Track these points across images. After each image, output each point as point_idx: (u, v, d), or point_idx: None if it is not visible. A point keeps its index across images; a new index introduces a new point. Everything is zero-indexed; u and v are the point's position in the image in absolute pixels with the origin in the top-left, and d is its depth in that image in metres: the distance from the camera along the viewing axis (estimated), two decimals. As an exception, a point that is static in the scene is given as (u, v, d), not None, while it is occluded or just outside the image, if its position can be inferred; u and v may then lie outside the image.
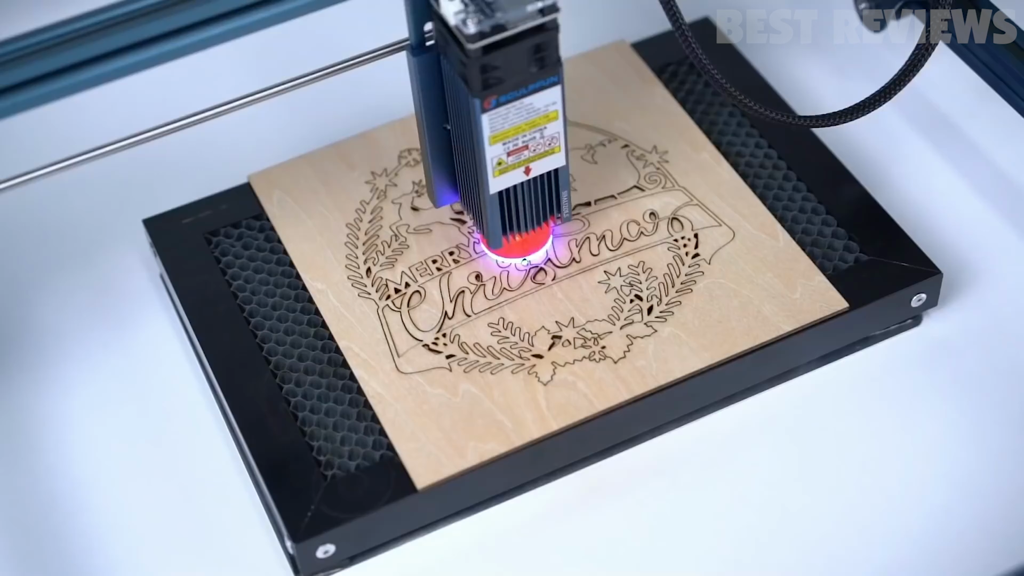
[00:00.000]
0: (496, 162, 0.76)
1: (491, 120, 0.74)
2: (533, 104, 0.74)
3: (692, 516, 0.78)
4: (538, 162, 0.77)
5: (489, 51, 0.71)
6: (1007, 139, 0.93)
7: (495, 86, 0.73)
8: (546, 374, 0.78)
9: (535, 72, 0.73)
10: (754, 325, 0.80)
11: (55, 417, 0.83)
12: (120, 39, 0.68)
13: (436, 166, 0.81)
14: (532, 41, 0.72)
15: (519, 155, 0.76)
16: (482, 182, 0.77)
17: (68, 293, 0.89)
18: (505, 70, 0.72)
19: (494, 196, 0.78)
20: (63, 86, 0.68)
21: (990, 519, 0.77)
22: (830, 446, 0.80)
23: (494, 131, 0.74)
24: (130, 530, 0.79)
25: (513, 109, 0.74)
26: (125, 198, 0.93)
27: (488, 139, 0.74)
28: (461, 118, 0.76)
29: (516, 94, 0.74)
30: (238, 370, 0.80)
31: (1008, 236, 0.88)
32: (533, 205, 0.79)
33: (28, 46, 0.68)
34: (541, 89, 0.74)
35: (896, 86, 0.82)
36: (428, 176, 0.81)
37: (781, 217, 0.85)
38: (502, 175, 0.77)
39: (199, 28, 0.70)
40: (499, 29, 0.71)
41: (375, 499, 0.75)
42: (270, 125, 0.95)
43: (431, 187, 0.82)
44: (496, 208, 0.78)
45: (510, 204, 0.79)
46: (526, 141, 0.76)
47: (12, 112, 0.68)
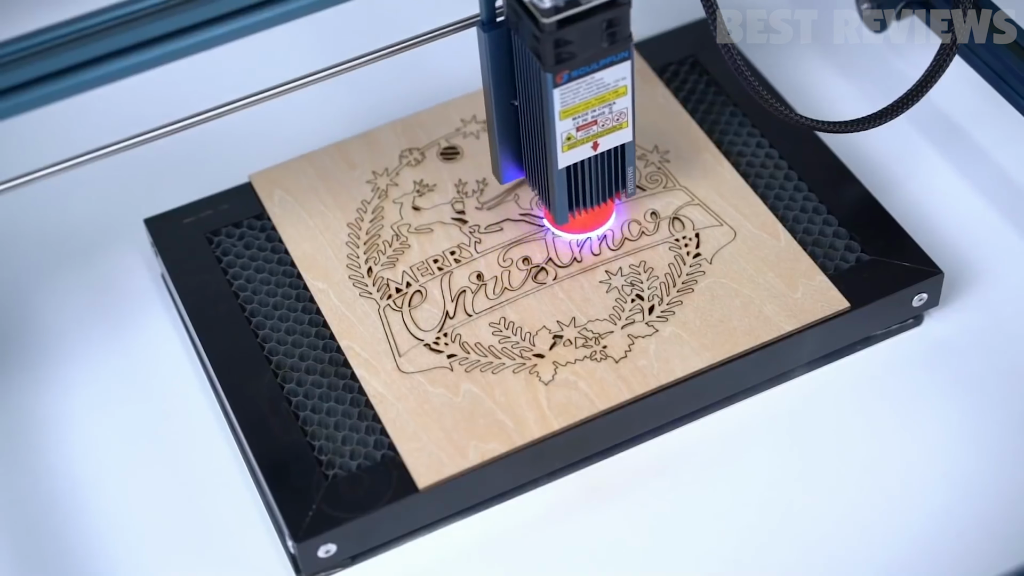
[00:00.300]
0: (566, 137, 0.76)
1: (562, 95, 0.75)
2: (604, 79, 0.75)
3: (693, 516, 0.78)
4: (606, 137, 0.78)
5: (563, 26, 0.72)
6: (1008, 139, 0.93)
7: (567, 60, 0.73)
8: (547, 374, 0.78)
9: (606, 47, 0.74)
10: (755, 325, 0.80)
11: (56, 417, 0.83)
12: (121, 40, 0.68)
13: (502, 142, 0.81)
14: (605, 16, 0.73)
15: (588, 130, 0.77)
16: (550, 157, 0.77)
17: (69, 293, 0.89)
18: (578, 45, 0.73)
19: (562, 171, 0.78)
20: (64, 87, 0.68)
21: (991, 519, 0.77)
22: (831, 446, 0.80)
23: (565, 106, 0.75)
24: (131, 530, 0.79)
25: (584, 84, 0.75)
26: (126, 198, 0.93)
27: (559, 114, 0.75)
28: (532, 93, 0.76)
29: (587, 69, 0.74)
30: (239, 370, 0.80)
31: (1009, 236, 0.88)
32: (599, 180, 0.80)
33: (29, 47, 0.68)
34: (612, 64, 0.75)
35: (920, 91, 0.82)
36: (494, 152, 0.82)
37: (782, 217, 0.85)
38: (571, 150, 0.77)
39: (200, 29, 0.70)
40: (573, 4, 0.72)
41: (376, 499, 0.75)
42: (271, 125, 0.95)
43: (496, 163, 0.82)
44: (564, 183, 0.79)
45: (577, 179, 0.79)
46: (595, 116, 0.77)
47: (14, 113, 0.68)
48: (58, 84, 0.68)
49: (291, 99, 0.84)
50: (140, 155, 0.83)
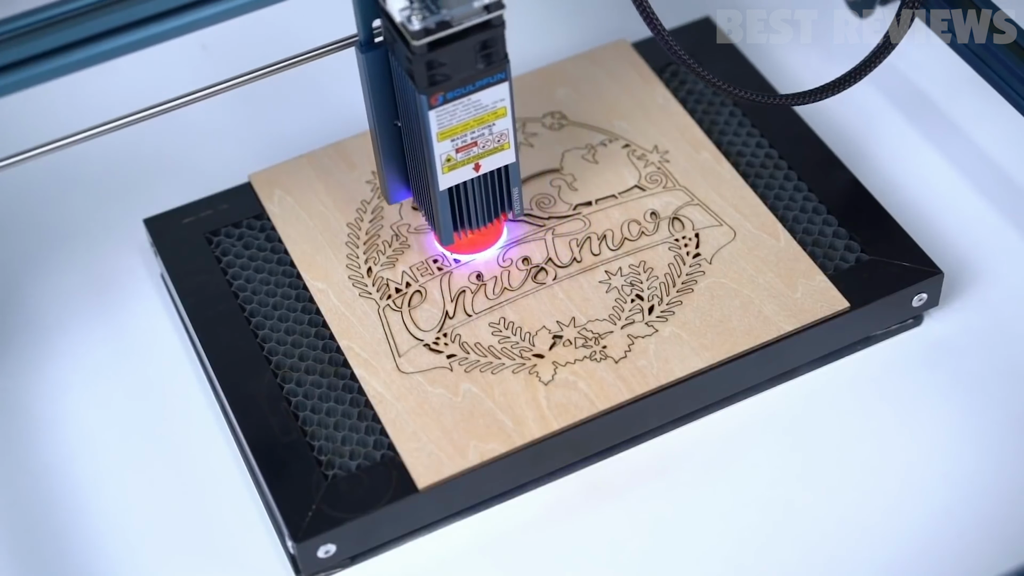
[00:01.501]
0: (445, 159, 0.76)
1: (438, 116, 0.74)
2: (481, 100, 0.75)
3: (693, 516, 0.78)
4: (488, 159, 0.78)
5: (435, 47, 0.72)
6: (1009, 139, 0.93)
7: (441, 83, 0.73)
8: (547, 374, 0.78)
9: (482, 69, 0.74)
10: (755, 325, 0.80)
11: (55, 417, 0.83)
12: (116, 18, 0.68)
13: (388, 163, 0.81)
14: (478, 38, 0.72)
15: (468, 151, 0.77)
16: (432, 179, 0.77)
17: (68, 293, 0.89)
18: (451, 67, 0.73)
19: (444, 192, 0.78)
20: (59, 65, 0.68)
21: (991, 519, 0.77)
22: (831, 446, 0.80)
23: (442, 127, 0.75)
24: (130, 530, 0.79)
25: (460, 106, 0.75)
26: (125, 198, 0.93)
27: (436, 135, 0.75)
28: (410, 115, 0.76)
29: (463, 91, 0.74)
30: (239, 370, 0.80)
31: (1009, 236, 0.88)
32: (484, 201, 0.80)
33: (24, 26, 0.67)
34: (488, 86, 0.74)
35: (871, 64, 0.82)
36: (380, 173, 0.82)
37: (782, 217, 0.85)
38: (451, 172, 0.77)
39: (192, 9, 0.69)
40: (444, 26, 0.71)
41: (376, 499, 0.75)
42: (271, 125, 0.95)
43: (384, 184, 0.82)
44: (447, 204, 0.79)
45: (461, 200, 0.79)
46: (475, 138, 0.76)
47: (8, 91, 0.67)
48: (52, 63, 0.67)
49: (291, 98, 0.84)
50: (139, 155, 0.83)
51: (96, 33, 0.68)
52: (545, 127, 0.90)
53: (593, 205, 0.86)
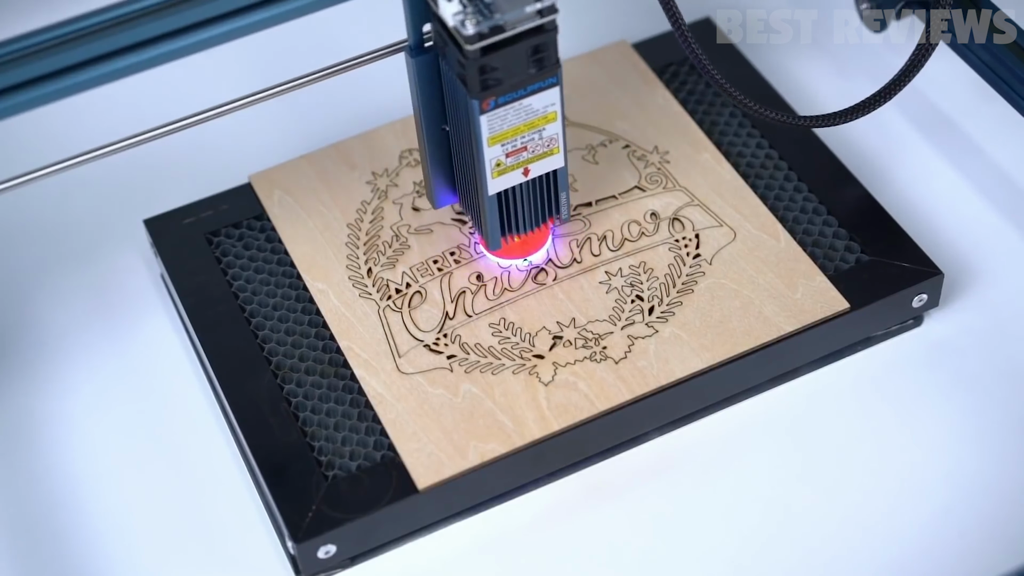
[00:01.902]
0: (495, 163, 0.76)
1: (489, 121, 0.74)
2: (532, 105, 0.74)
3: (693, 516, 0.78)
4: (537, 163, 0.77)
5: (487, 52, 0.71)
6: (1008, 139, 0.93)
7: (494, 87, 0.73)
8: (547, 374, 0.78)
9: (534, 73, 0.73)
10: (755, 325, 0.80)
11: (55, 417, 0.83)
12: (120, 40, 0.68)
13: (435, 167, 0.81)
14: (531, 42, 0.72)
15: (518, 156, 0.76)
16: (481, 183, 0.77)
17: (68, 293, 0.89)
18: (503, 71, 0.72)
19: (493, 197, 0.78)
20: (63, 87, 0.68)
21: (992, 519, 0.77)
22: (831, 446, 0.80)
23: (492, 132, 0.74)
24: (130, 530, 0.79)
25: (512, 110, 0.74)
26: (125, 198, 0.93)
27: (487, 140, 0.74)
28: (460, 119, 0.76)
29: (515, 95, 0.74)
30: (239, 370, 0.80)
31: (1009, 236, 0.88)
32: (532, 206, 0.79)
33: (28, 46, 0.68)
34: (540, 90, 0.74)
35: (896, 86, 0.82)
36: (427, 177, 0.81)
37: (782, 217, 0.85)
38: (501, 176, 0.77)
39: (199, 29, 0.70)
40: (497, 30, 0.71)
41: (376, 499, 0.75)
42: (271, 125, 0.95)
43: (430, 188, 0.82)
44: (495, 209, 0.78)
45: (509, 205, 0.79)
46: (525, 142, 0.76)
47: (13, 112, 0.68)
48: (57, 84, 0.68)
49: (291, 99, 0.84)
50: (139, 155, 0.83)
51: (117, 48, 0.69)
52: (545, 127, 0.90)
53: (593, 206, 0.85)
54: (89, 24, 0.68)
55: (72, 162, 0.74)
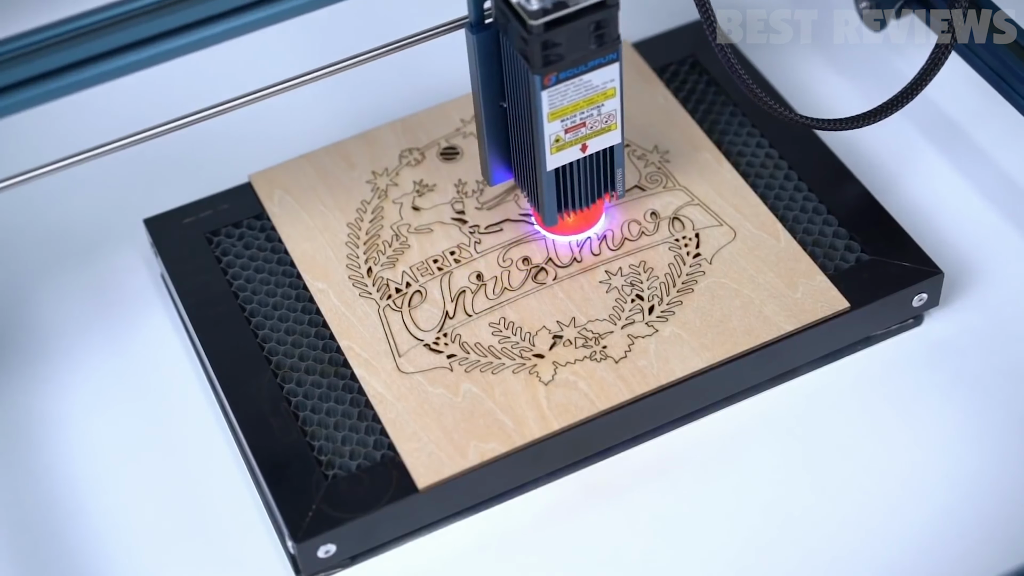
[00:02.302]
0: (554, 139, 0.76)
1: (550, 97, 0.75)
2: (592, 81, 0.75)
3: (693, 516, 0.78)
4: (595, 139, 0.78)
5: (550, 27, 0.72)
6: (1008, 139, 0.93)
7: (555, 63, 0.73)
8: (547, 374, 0.78)
9: (595, 49, 0.74)
10: (755, 325, 0.80)
11: (55, 417, 0.83)
12: (120, 38, 0.68)
13: (492, 145, 0.81)
14: (593, 18, 0.73)
15: (576, 132, 0.77)
16: (539, 159, 0.77)
17: (68, 293, 0.89)
18: (566, 47, 0.73)
19: (551, 173, 0.78)
20: (64, 84, 0.68)
21: (992, 519, 0.77)
22: (831, 446, 0.80)
23: (553, 108, 0.75)
24: (130, 530, 0.79)
25: (572, 86, 0.75)
26: (125, 198, 0.93)
27: (547, 116, 0.75)
28: (519, 95, 0.76)
29: (576, 71, 0.74)
30: (239, 370, 0.80)
31: (1009, 236, 0.88)
32: (588, 182, 0.80)
33: (29, 44, 0.68)
34: (600, 66, 0.75)
35: (914, 90, 0.82)
36: (483, 154, 0.82)
37: (782, 217, 0.85)
38: (559, 152, 0.77)
39: (197, 28, 0.70)
40: (561, 6, 0.72)
41: (376, 499, 0.75)
42: (271, 125, 0.95)
43: (486, 165, 0.82)
44: (552, 185, 0.79)
45: (566, 181, 0.79)
46: (584, 118, 0.77)
47: (13, 111, 0.68)
48: (56, 82, 0.68)
49: (291, 99, 0.84)
50: (140, 155, 0.83)
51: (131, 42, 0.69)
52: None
53: (593, 205, 0.86)
54: (89, 22, 0.68)
55: (72, 161, 0.74)
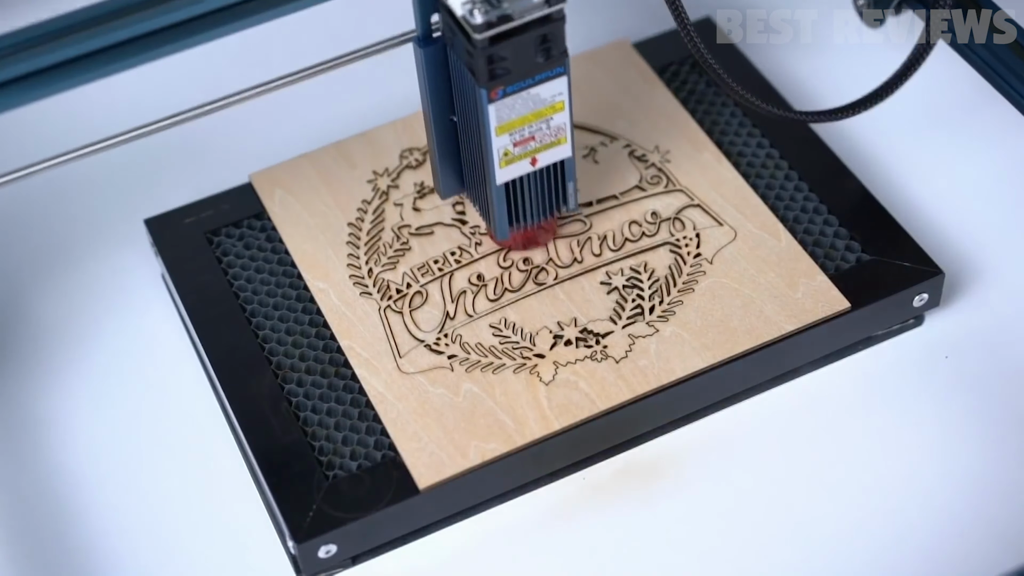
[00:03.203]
0: (503, 153, 0.76)
1: (498, 110, 0.74)
2: (539, 94, 0.75)
3: (694, 516, 0.78)
4: (545, 153, 0.78)
5: (496, 41, 0.72)
6: (1008, 138, 0.93)
7: (502, 76, 0.73)
8: (548, 374, 0.78)
9: (541, 63, 0.74)
10: (756, 325, 0.80)
11: (55, 417, 0.83)
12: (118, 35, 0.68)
13: (442, 158, 0.81)
14: (538, 31, 0.72)
15: (525, 146, 0.77)
16: (488, 173, 0.77)
17: (68, 293, 0.89)
18: (512, 61, 0.73)
19: (500, 187, 0.78)
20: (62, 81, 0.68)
21: (993, 518, 0.77)
22: (832, 446, 0.80)
23: (500, 121, 0.75)
24: (131, 530, 0.79)
25: (520, 99, 0.75)
26: (125, 198, 0.93)
27: (495, 129, 0.75)
28: (468, 109, 0.76)
29: (522, 84, 0.74)
30: (239, 370, 0.80)
31: (1010, 236, 0.88)
32: (539, 196, 0.80)
33: (27, 40, 0.67)
34: (547, 80, 0.75)
35: (896, 84, 0.82)
36: (435, 168, 0.82)
37: (783, 217, 0.85)
38: (508, 166, 0.77)
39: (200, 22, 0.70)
40: (505, 19, 0.72)
41: (377, 499, 0.75)
42: (271, 124, 0.95)
43: (437, 179, 0.82)
44: (503, 199, 0.79)
45: (516, 195, 0.79)
46: (532, 132, 0.76)
47: (10, 107, 0.68)
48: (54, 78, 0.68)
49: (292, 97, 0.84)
50: (139, 155, 0.83)
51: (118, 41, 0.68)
52: (546, 127, 0.89)
53: (594, 206, 0.85)
54: (86, 18, 0.68)
55: (70, 157, 0.74)
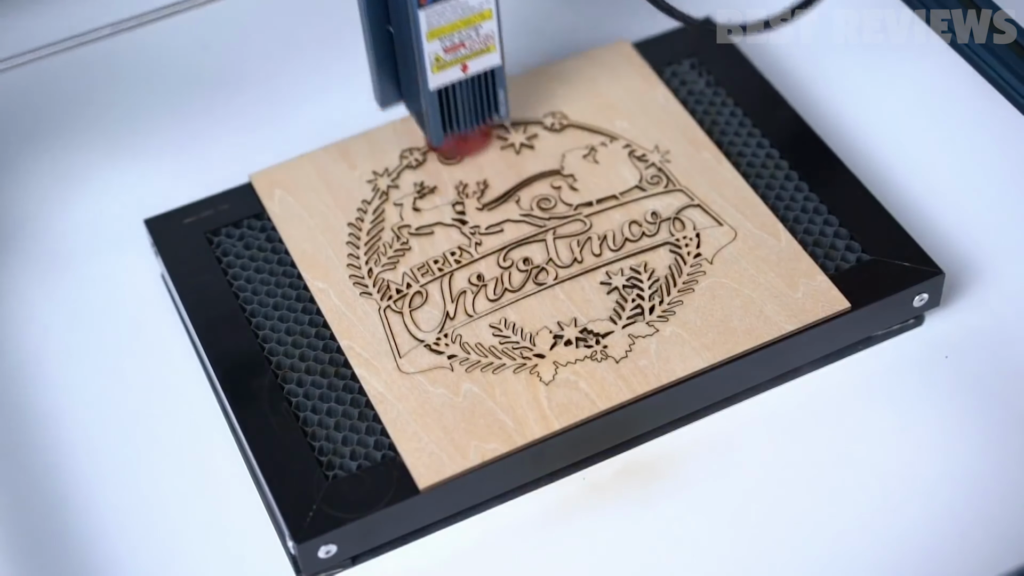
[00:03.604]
0: (434, 58, 0.80)
1: (428, 16, 0.78)
2: (468, 2, 0.79)
3: (694, 516, 0.78)
4: (475, 60, 0.82)
5: None
6: (1008, 138, 0.93)
7: None
8: (548, 374, 0.78)
9: None
10: (756, 325, 0.80)
11: (55, 417, 0.83)
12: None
13: (380, 67, 0.84)
14: None
15: (455, 52, 0.81)
16: (421, 79, 0.81)
17: (68, 293, 0.89)
18: None
19: (433, 93, 0.82)
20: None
21: (993, 518, 0.77)
22: (832, 446, 0.80)
23: (431, 27, 0.79)
24: (131, 530, 0.79)
25: (449, 7, 0.79)
26: (126, 198, 0.93)
27: (425, 35, 0.79)
28: (401, 18, 0.80)
29: None
30: (239, 370, 0.80)
31: (1010, 236, 0.88)
32: (472, 103, 0.84)
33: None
34: None
35: None
36: (374, 78, 0.85)
37: (783, 217, 0.85)
38: (440, 72, 0.81)
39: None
40: None
41: (377, 499, 0.75)
42: (272, 124, 0.95)
43: (377, 89, 0.85)
44: (436, 105, 0.82)
45: (449, 101, 0.83)
46: (462, 39, 0.80)
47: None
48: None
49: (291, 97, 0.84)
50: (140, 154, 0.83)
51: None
52: (545, 128, 0.89)
53: (594, 206, 0.85)
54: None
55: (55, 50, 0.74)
